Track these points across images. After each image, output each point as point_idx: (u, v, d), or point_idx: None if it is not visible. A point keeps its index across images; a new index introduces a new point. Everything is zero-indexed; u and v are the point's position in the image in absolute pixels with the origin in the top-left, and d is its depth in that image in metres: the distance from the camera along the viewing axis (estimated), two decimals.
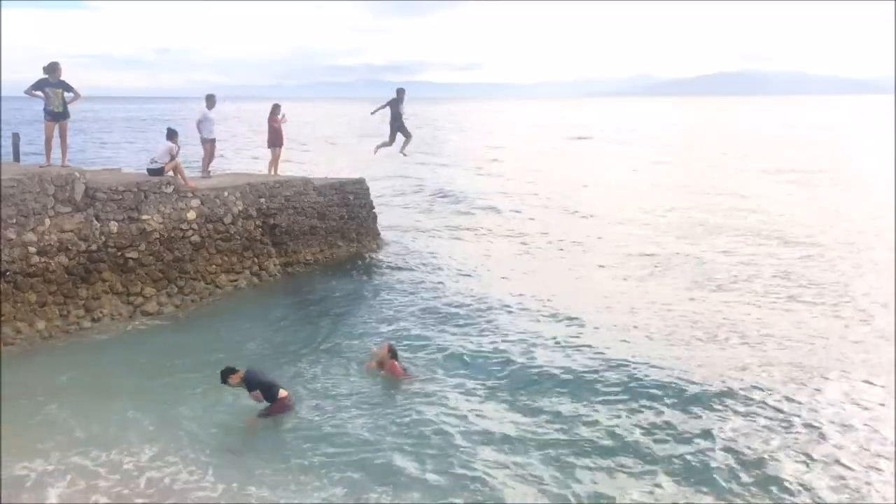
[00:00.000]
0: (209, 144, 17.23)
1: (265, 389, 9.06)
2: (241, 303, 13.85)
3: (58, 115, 13.13)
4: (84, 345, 11.50)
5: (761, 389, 9.83)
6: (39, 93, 12.91)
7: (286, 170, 21.28)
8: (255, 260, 15.11)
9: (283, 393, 9.16)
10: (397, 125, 17.15)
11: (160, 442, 8.40)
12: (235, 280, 14.57)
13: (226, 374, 9.11)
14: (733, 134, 72.65)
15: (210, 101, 17.08)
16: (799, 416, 9.11)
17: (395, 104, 17.02)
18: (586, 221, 23.24)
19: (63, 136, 13.35)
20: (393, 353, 10.52)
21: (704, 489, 7.53)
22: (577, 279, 16.20)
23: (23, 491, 7.41)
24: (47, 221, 11.83)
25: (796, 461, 8.03)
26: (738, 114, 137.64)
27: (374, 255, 17.78)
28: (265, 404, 9.08)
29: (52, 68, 12.90)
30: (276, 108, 18.35)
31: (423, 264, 17.34)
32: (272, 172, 18.42)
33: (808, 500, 7.34)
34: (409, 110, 17.69)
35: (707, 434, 8.61)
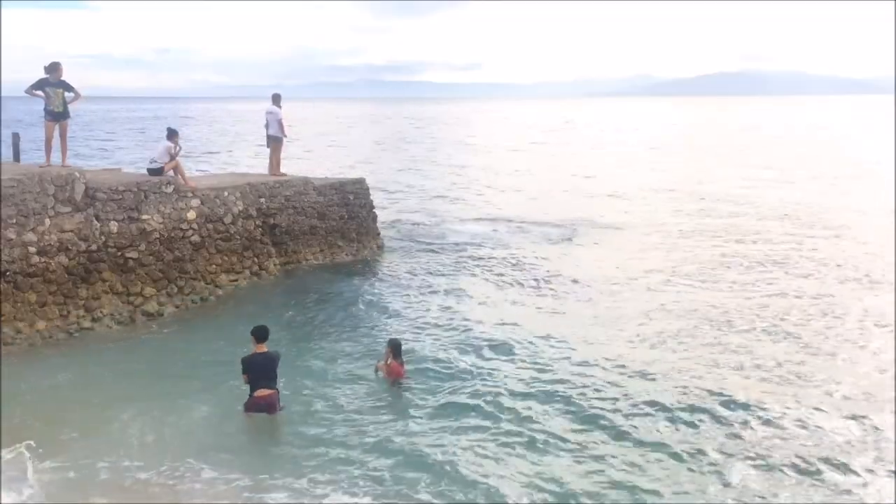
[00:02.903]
0: (277, 143, 17.38)
1: (250, 380, 8.88)
2: (241, 302, 13.85)
3: (58, 115, 13.12)
4: (83, 346, 11.51)
5: None
6: (40, 92, 12.90)
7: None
8: (255, 260, 15.10)
9: (260, 392, 8.84)
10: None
11: (161, 446, 8.40)
12: (235, 280, 14.56)
13: (262, 334, 8.99)
14: (733, 134, 72.72)
15: (276, 99, 17.36)
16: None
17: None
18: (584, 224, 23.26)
19: (63, 136, 13.34)
20: (396, 351, 10.28)
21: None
22: (581, 277, 16.20)
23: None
24: (47, 221, 11.82)
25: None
26: (738, 114, 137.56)
27: (373, 255, 17.79)
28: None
29: (53, 68, 12.88)
30: None
31: (423, 264, 17.36)
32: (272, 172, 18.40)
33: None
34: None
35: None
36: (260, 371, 8.89)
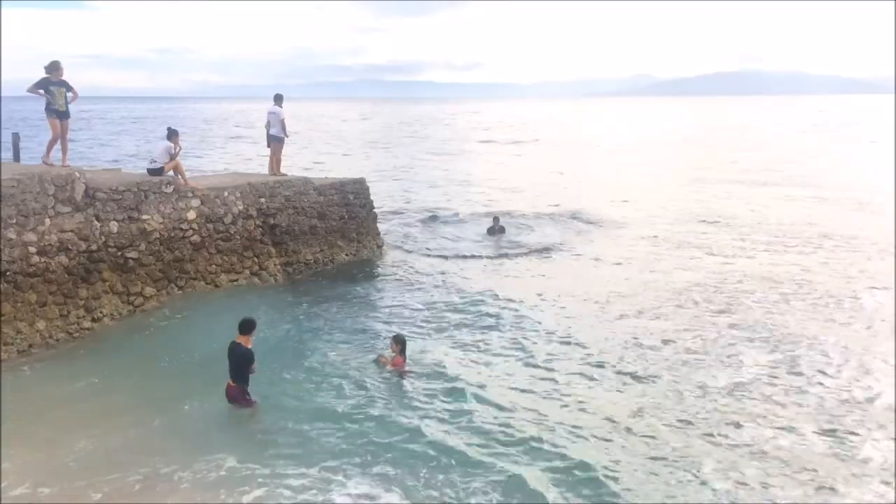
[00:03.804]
0: (278, 143, 17.37)
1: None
2: (241, 302, 13.83)
3: (62, 114, 13.13)
4: (84, 346, 11.50)
5: None
6: (42, 91, 12.89)
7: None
8: (255, 260, 15.10)
9: (230, 381, 9.19)
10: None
11: (171, 445, 8.42)
12: (235, 280, 14.56)
13: (247, 327, 9.22)
14: (729, 134, 72.78)
15: (278, 99, 17.43)
16: None
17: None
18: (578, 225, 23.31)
19: (64, 136, 13.33)
20: (402, 347, 10.62)
21: None
22: (582, 276, 16.22)
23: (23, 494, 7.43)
24: (47, 221, 11.82)
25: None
26: (738, 113, 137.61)
27: (373, 255, 17.79)
28: None
29: (54, 67, 12.87)
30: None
31: (422, 263, 17.37)
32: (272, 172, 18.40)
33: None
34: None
35: None
36: (230, 360, 9.20)
